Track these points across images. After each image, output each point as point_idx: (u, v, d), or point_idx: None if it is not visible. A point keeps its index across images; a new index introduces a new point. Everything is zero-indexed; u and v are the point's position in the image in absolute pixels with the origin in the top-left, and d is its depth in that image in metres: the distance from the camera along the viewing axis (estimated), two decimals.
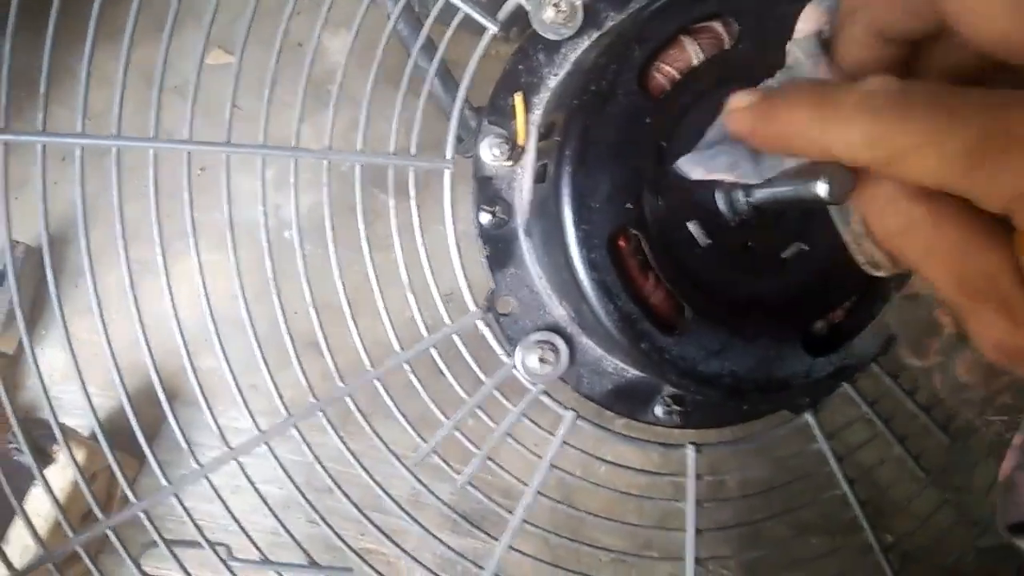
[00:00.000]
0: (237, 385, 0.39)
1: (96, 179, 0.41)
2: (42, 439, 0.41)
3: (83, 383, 0.39)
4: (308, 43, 0.39)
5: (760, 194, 0.34)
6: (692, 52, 0.35)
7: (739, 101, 0.28)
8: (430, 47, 0.40)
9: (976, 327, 0.24)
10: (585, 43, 0.39)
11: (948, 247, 0.24)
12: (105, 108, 0.39)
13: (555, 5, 0.38)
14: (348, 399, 0.39)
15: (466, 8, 0.38)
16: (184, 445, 0.39)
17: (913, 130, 0.23)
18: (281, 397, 0.39)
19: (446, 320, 0.41)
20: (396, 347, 0.40)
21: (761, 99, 0.27)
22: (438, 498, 0.42)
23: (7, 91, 0.39)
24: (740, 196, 0.35)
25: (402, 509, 0.41)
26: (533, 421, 0.41)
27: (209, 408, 0.39)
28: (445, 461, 0.41)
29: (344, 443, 0.40)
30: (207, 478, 0.39)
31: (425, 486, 0.40)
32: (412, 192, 0.39)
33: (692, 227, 0.35)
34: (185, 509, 0.39)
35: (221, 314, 0.40)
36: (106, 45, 0.40)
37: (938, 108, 0.23)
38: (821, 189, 0.30)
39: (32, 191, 0.39)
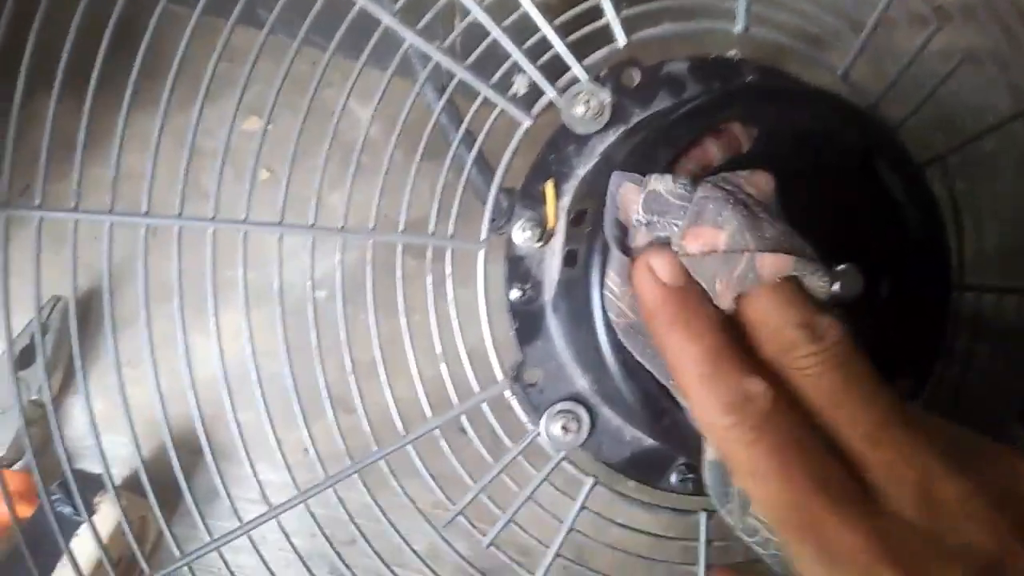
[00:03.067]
0: (278, 441, 0.42)
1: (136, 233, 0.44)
2: (81, 490, 0.43)
3: (134, 434, 0.41)
4: (354, 126, 0.43)
5: None
6: (713, 152, 0.38)
7: (661, 265, 0.32)
8: (467, 135, 0.43)
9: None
10: (612, 137, 0.43)
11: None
12: (143, 170, 0.42)
13: (585, 102, 0.42)
14: (383, 462, 0.42)
15: (503, 104, 0.41)
16: (227, 501, 0.41)
17: (755, 472, 0.27)
18: (321, 459, 0.42)
19: (474, 387, 0.43)
20: (428, 413, 0.42)
21: (675, 296, 0.31)
22: (460, 555, 0.44)
23: (9, 164, 0.41)
24: None
25: (426, 564, 0.44)
26: (552, 484, 0.44)
27: (252, 465, 0.41)
28: (471, 522, 0.43)
29: (376, 502, 0.42)
30: (250, 537, 0.41)
31: (451, 545, 0.43)
32: (449, 269, 0.42)
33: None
34: (227, 566, 0.41)
35: (247, 371, 0.43)
36: (146, 109, 0.43)
37: (786, 458, 0.27)
38: (834, 287, 0.33)
39: (71, 247, 0.42)
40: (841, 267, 0.33)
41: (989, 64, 0.47)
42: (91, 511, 0.48)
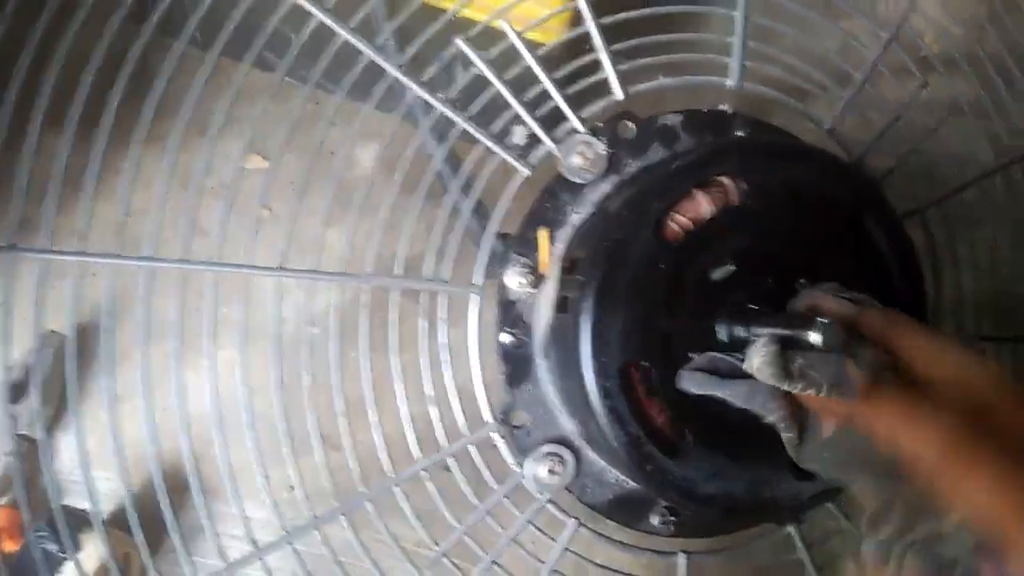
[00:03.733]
0: (267, 481, 0.42)
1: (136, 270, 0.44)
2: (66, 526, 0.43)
3: (124, 470, 0.41)
4: (352, 166, 0.43)
5: (761, 331, 0.37)
6: (704, 205, 0.39)
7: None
8: (466, 183, 0.43)
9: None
10: (607, 187, 0.44)
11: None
12: (146, 206, 0.43)
13: (582, 153, 0.43)
14: (368, 504, 0.42)
15: (502, 154, 0.42)
16: (211, 541, 0.41)
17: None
18: (308, 500, 0.42)
19: (462, 427, 0.44)
20: (415, 453, 0.43)
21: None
22: None
23: (22, 207, 0.41)
24: (740, 330, 0.38)
25: None
26: (534, 525, 0.44)
27: (239, 505, 0.42)
28: (453, 563, 0.43)
29: (359, 540, 0.42)
30: None
31: None
32: (443, 314, 0.42)
33: (696, 359, 0.39)
34: None
35: (236, 408, 0.43)
36: (148, 145, 0.43)
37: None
38: (814, 337, 0.34)
39: (71, 282, 0.42)
40: (824, 321, 0.33)
41: (971, 115, 0.48)
42: (77, 548, 0.48)
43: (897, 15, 0.47)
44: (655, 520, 0.45)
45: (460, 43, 0.42)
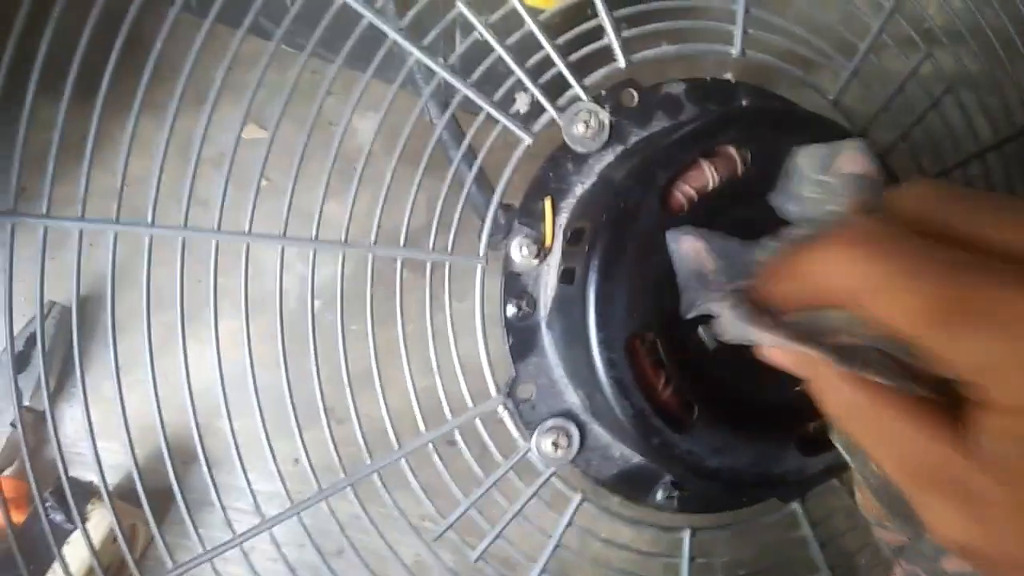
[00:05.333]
0: (272, 453, 0.42)
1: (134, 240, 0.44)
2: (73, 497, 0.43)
3: (131, 441, 0.41)
4: (352, 136, 0.43)
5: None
6: (709, 175, 0.38)
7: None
8: (468, 151, 0.43)
9: (931, 519, 0.24)
10: (610, 156, 0.43)
11: (893, 435, 0.24)
12: (144, 175, 0.42)
13: (585, 122, 0.42)
14: (375, 476, 0.42)
15: (504, 121, 0.42)
16: (220, 512, 0.41)
17: (883, 272, 0.23)
18: (314, 471, 0.42)
19: (468, 401, 0.44)
20: (421, 426, 0.43)
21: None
22: (447, 567, 0.44)
23: (18, 173, 0.41)
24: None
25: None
26: (540, 499, 0.44)
27: (246, 476, 0.42)
28: (460, 535, 0.43)
29: (367, 514, 0.43)
30: (241, 548, 0.41)
31: (440, 559, 0.43)
32: (447, 286, 0.42)
33: (702, 332, 0.39)
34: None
35: (243, 381, 0.43)
36: (147, 114, 0.43)
37: (910, 258, 0.23)
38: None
39: (69, 253, 0.42)
40: None
41: (974, 90, 0.47)
42: (83, 518, 0.48)
43: None
44: (660, 496, 0.45)
45: (461, 6, 0.42)
